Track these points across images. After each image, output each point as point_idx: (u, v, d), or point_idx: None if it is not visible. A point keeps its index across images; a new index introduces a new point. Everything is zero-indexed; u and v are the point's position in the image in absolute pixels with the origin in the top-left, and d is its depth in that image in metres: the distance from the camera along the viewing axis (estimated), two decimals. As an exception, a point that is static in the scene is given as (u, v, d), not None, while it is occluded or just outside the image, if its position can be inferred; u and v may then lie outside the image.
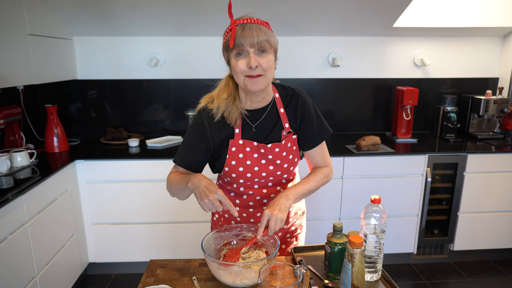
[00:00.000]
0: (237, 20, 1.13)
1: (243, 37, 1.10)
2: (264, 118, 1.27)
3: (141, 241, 2.59)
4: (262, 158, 1.26)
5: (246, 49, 1.12)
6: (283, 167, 1.28)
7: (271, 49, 1.16)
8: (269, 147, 1.25)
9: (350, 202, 2.63)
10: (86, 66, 2.93)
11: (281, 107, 1.28)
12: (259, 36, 1.11)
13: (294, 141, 1.28)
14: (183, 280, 1.16)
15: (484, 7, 2.78)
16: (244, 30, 1.11)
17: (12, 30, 2.08)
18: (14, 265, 1.77)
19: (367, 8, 2.58)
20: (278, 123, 1.27)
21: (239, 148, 1.25)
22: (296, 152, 1.30)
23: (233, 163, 1.26)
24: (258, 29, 1.12)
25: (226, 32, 1.16)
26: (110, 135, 2.85)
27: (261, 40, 1.11)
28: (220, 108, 1.23)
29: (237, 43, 1.11)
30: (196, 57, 2.95)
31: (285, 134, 1.27)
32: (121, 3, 2.44)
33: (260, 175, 1.27)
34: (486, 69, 3.15)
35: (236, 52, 1.13)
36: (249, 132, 1.26)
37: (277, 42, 1.20)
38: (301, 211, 1.47)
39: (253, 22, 1.13)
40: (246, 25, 1.12)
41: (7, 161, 2.10)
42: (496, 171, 2.63)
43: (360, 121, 3.17)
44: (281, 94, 1.30)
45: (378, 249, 1.11)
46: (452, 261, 2.87)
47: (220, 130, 1.25)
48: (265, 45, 1.12)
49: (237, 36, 1.11)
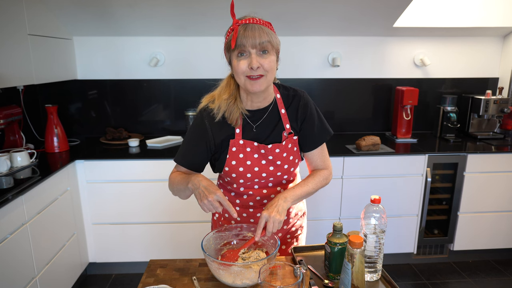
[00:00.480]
0: (240, 20, 1.13)
1: (245, 38, 1.10)
2: (265, 118, 1.27)
3: (141, 241, 2.59)
4: (262, 159, 1.26)
5: (248, 49, 1.11)
6: (283, 168, 1.28)
7: (273, 50, 1.15)
8: (269, 147, 1.24)
9: (350, 202, 2.63)
10: (86, 66, 2.93)
11: (282, 108, 1.28)
12: (261, 36, 1.10)
13: (294, 142, 1.28)
14: (183, 280, 1.16)
15: (484, 7, 2.78)
16: (246, 31, 1.10)
17: (12, 30, 2.08)
18: (14, 265, 1.77)
19: (367, 8, 2.58)
20: (279, 124, 1.27)
21: (239, 148, 1.25)
22: (296, 153, 1.29)
23: (233, 163, 1.26)
24: (260, 29, 1.11)
25: (228, 32, 1.16)
26: (110, 135, 2.86)
27: (263, 41, 1.11)
28: (221, 108, 1.23)
29: (238, 44, 1.11)
30: (196, 57, 2.95)
31: (286, 135, 1.27)
32: (121, 3, 2.44)
33: (260, 176, 1.27)
34: (486, 69, 3.15)
35: (237, 52, 1.13)
36: (249, 133, 1.26)
37: (280, 43, 1.20)
38: (302, 212, 1.47)
39: (256, 23, 1.12)
40: (248, 25, 1.11)
41: (7, 161, 2.10)
42: (496, 171, 2.63)
43: (360, 121, 3.17)
44: (282, 95, 1.30)
45: (378, 249, 1.11)
46: (452, 261, 2.87)
47: (220, 130, 1.25)
48: (267, 45, 1.12)
49: (239, 37, 1.10)
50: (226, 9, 2.55)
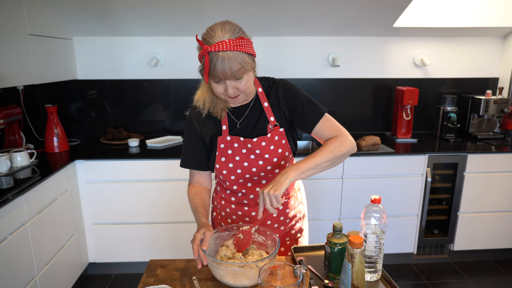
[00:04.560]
0: (209, 46, 1.05)
1: (216, 71, 1.06)
2: (248, 113, 1.28)
3: (141, 241, 2.59)
4: (250, 153, 1.27)
5: (222, 79, 1.10)
6: (273, 161, 1.28)
7: (247, 71, 1.11)
8: (254, 141, 1.26)
9: (350, 202, 2.63)
10: (86, 66, 2.93)
11: (265, 101, 1.28)
12: (232, 68, 1.06)
13: (281, 134, 1.28)
14: (183, 280, 1.16)
15: (484, 7, 2.78)
16: (216, 64, 1.05)
17: (12, 29, 2.08)
18: (14, 265, 1.77)
19: (367, 8, 2.58)
20: (262, 117, 1.28)
21: (227, 145, 1.27)
22: (285, 146, 1.29)
23: (222, 160, 1.28)
24: (230, 60, 1.05)
25: (199, 56, 1.10)
26: (110, 135, 2.85)
27: (235, 71, 1.07)
28: (206, 105, 1.26)
29: (211, 74, 1.08)
30: (196, 57, 2.93)
31: (271, 127, 1.27)
32: (121, 3, 2.44)
33: (250, 171, 1.28)
34: (486, 69, 3.14)
35: (212, 79, 1.12)
36: (235, 129, 1.29)
37: (254, 58, 1.14)
38: (301, 213, 1.46)
39: (226, 49, 1.04)
40: (218, 57, 1.05)
41: (7, 161, 2.10)
42: (496, 171, 2.63)
43: (360, 121, 3.17)
44: (264, 87, 1.30)
45: (378, 249, 1.11)
46: (452, 261, 2.87)
47: (208, 127, 1.30)
48: (240, 73, 1.09)
49: (210, 69, 1.07)
50: (226, 9, 2.56)
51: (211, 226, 1.18)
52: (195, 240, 1.10)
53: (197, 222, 1.20)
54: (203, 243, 1.10)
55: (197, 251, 1.08)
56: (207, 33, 1.09)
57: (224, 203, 1.40)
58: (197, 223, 1.20)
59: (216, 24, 1.11)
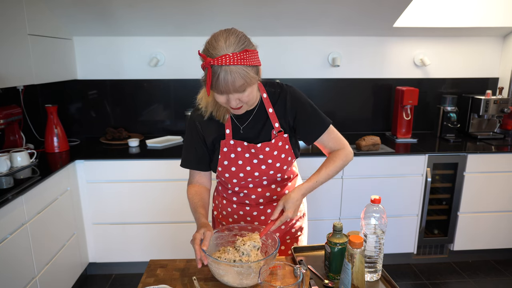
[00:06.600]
0: (212, 59, 1.02)
1: (218, 85, 1.04)
2: (252, 118, 1.27)
3: (141, 241, 2.59)
4: (253, 158, 1.27)
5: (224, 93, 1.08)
6: (276, 166, 1.28)
7: (250, 84, 1.08)
8: (259, 146, 1.25)
9: (350, 202, 2.63)
10: (86, 66, 2.93)
11: (269, 107, 1.27)
12: (235, 83, 1.03)
13: (285, 140, 1.28)
14: (183, 280, 1.16)
15: (484, 7, 2.78)
16: (218, 79, 1.02)
17: (12, 30, 2.08)
18: (14, 265, 1.77)
19: (367, 8, 2.58)
20: (267, 123, 1.27)
21: (230, 149, 1.27)
22: (289, 151, 1.29)
23: (225, 163, 1.28)
24: (233, 75, 1.02)
25: (202, 66, 1.06)
26: (110, 135, 2.85)
27: (238, 87, 1.04)
28: (208, 108, 1.25)
29: (213, 87, 1.06)
30: (196, 57, 2.88)
31: (276, 134, 1.27)
32: (121, 3, 2.44)
33: (253, 175, 1.28)
34: (486, 69, 3.14)
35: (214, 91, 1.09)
36: (239, 133, 1.28)
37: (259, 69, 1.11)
38: (301, 212, 1.46)
39: (229, 63, 1.01)
40: (221, 71, 1.01)
41: (7, 161, 2.10)
42: (496, 171, 2.63)
43: (360, 121, 3.17)
44: (269, 93, 1.28)
45: (378, 249, 1.11)
46: (452, 261, 2.87)
47: (210, 129, 1.28)
48: (243, 88, 1.06)
49: (213, 83, 1.04)
50: (226, 9, 2.56)
51: (210, 226, 1.18)
52: (195, 240, 1.10)
53: (197, 222, 1.20)
54: (203, 243, 1.10)
55: (199, 251, 1.08)
56: (211, 44, 1.06)
57: (225, 202, 1.40)
58: (197, 223, 1.20)
59: (221, 34, 1.07)
